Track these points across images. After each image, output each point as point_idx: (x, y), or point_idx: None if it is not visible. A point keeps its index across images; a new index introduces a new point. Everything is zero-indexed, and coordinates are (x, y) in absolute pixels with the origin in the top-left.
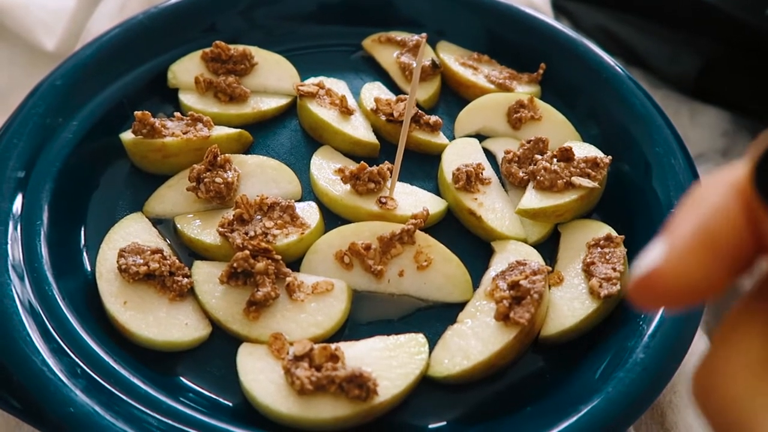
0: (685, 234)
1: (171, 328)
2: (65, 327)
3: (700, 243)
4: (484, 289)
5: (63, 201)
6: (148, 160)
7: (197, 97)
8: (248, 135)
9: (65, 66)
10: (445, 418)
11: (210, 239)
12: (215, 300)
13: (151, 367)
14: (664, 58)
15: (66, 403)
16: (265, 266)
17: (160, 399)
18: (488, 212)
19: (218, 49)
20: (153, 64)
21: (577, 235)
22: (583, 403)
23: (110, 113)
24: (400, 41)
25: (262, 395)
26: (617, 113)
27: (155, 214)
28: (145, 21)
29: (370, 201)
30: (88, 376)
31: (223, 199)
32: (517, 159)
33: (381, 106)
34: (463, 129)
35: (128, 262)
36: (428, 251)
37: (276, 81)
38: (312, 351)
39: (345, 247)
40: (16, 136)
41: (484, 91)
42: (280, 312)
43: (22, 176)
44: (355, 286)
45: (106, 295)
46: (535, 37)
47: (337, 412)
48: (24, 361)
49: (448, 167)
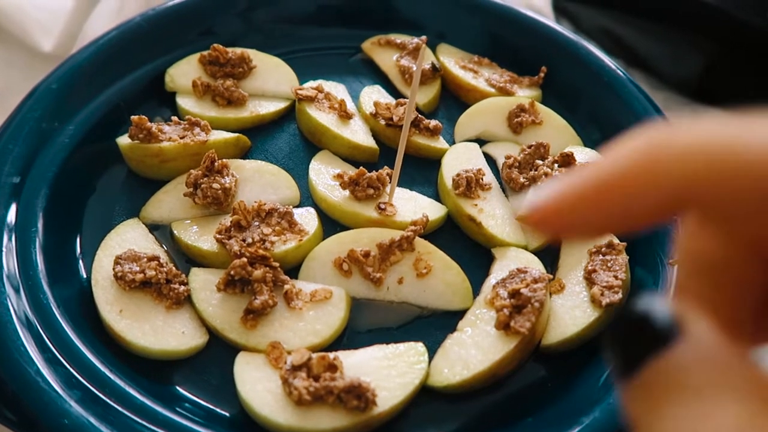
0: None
1: (167, 337)
2: (60, 336)
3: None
4: (484, 297)
5: (59, 207)
6: (145, 165)
7: (195, 101)
8: (246, 139)
9: (62, 69)
10: (444, 429)
11: (207, 246)
12: (212, 308)
13: (147, 377)
14: (666, 60)
15: (61, 415)
16: (263, 274)
17: (156, 409)
18: (488, 218)
19: (216, 52)
20: (150, 67)
21: (578, 242)
22: (585, 414)
23: (107, 117)
24: (399, 44)
25: (259, 405)
26: (619, 117)
27: (152, 220)
28: (143, 23)
29: (369, 207)
30: (83, 386)
31: (221, 204)
32: (517, 164)
33: (380, 110)
34: (464, 133)
35: (124, 269)
36: (428, 258)
37: (274, 84)
38: (310, 360)
39: (344, 254)
40: (11, 141)
41: (484, 95)
42: (278, 320)
43: (17, 182)
44: (354, 293)
45: (101, 303)
46: (536, 40)
47: (336, 423)
48: (18, 371)
49: (448, 172)
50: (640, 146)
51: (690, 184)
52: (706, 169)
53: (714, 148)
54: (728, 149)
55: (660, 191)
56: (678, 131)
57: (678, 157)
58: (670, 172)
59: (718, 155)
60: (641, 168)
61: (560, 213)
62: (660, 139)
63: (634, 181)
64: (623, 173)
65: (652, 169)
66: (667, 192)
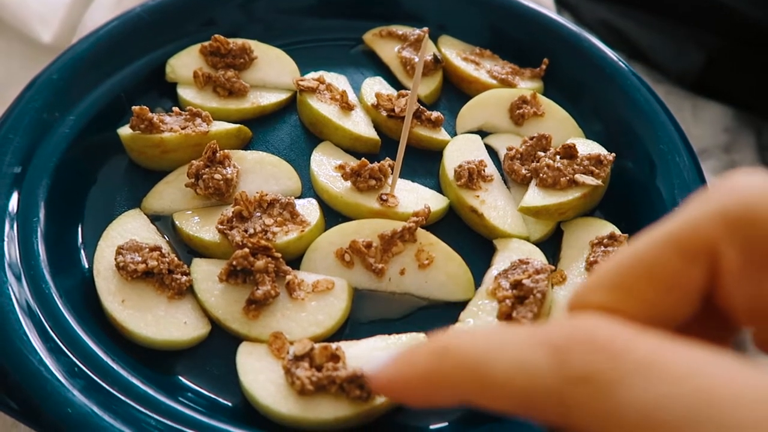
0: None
1: (170, 327)
2: (62, 326)
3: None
4: (486, 287)
5: (60, 197)
6: (146, 156)
7: (196, 92)
8: (247, 130)
9: (62, 60)
10: (446, 419)
11: (209, 236)
12: (214, 298)
13: (150, 367)
14: (667, 53)
15: (64, 404)
16: (265, 264)
17: (159, 399)
18: (490, 210)
19: (217, 43)
20: (151, 57)
21: (580, 234)
22: None
23: (108, 108)
24: (401, 35)
25: (262, 395)
26: (621, 110)
27: (153, 211)
28: (143, 14)
29: (371, 198)
30: (85, 375)
31: (223, 195)
32: (519, 156)
33: (382, 102)
34: (465, 125)
35: (126, 259)
36: (430, 249)
37: (276, 75)
38: (312, 351)
39: (346, 245)
40: (12, 131)
41: (486, 87)
42: (280, 311)
43: (18, 172)
44: (356, 284)
45: (104, 293)
46: (538, 31)
47: (338, 413)
48: (21, 360)
49: (449, 164)
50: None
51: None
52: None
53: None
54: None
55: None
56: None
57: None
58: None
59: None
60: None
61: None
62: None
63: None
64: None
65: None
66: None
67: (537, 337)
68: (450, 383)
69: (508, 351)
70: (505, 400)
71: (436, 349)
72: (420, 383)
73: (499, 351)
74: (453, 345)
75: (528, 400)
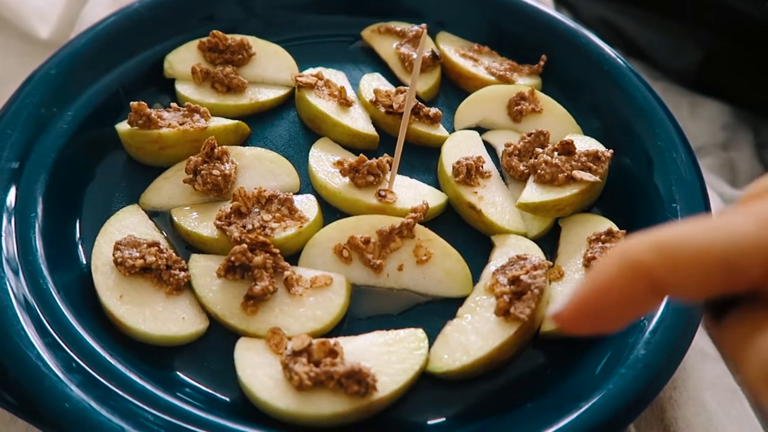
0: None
1: (168, 323)
2: (60, 321)
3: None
4: (484, 283)
5: (58, 193)
6: (145, 152)
7: (194, 88)
8: (246, 126)
9: (60, 55)
10: (444, 414)
11: (207, 232)
12: (212, 294)
13: (148, 362)
14: (665, 51)
15: (61, 398)
16: (263, 260)
17: (157, 394)
18: (488, 206)
19: (215, 39)
20: (149, 53)
21: (577, 230)
22: (583, 399)
23: (106, 103)
24: (399, 32)
25: (260, 391)
26: (619, 106)
27: (151, 207)
28: (141, 9)
29: (369, 194)
30: (83, 370)
31: (221, 191)
32: (517, 152)
33: (380, 98)
34: (463, 121)
35: (124, 255)
36: (428, 245)
37: (274, 71)
38: (311, 346)
39: (344, 241)
40: (9, 127)
41: (484, 83)
42: (279, 306)
43: (16, 167)
44: (354, 280)
45: (101, 288)
46: (536, 28)
47: (336, 408)
48: (18, 355)
49: (448, 160)
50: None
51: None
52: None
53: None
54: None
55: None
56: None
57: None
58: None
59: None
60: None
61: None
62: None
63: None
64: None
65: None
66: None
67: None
68: (645, 272)
69: (717, 227)
70: (709, 267)
71: (619, 253)
72: (618, 288)
73: (707, 229)
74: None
75: (733, 261)
